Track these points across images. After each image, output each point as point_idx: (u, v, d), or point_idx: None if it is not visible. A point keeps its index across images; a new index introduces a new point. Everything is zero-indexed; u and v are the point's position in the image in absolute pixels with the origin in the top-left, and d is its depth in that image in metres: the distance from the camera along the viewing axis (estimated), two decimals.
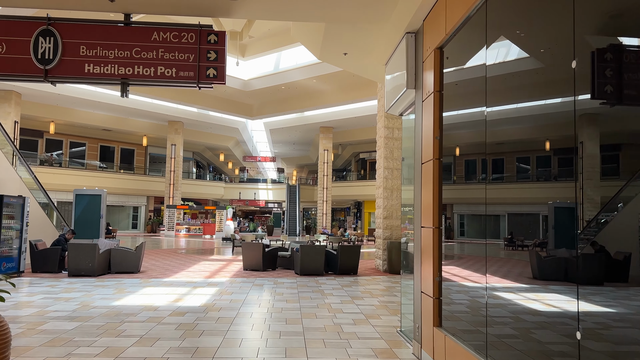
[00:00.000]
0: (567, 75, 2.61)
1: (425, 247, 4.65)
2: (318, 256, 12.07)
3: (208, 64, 5.24)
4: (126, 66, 5.17)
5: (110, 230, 25.16)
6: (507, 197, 3.84)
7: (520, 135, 3.52)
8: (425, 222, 4.66)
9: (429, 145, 4.52)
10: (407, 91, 5.13)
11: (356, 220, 42.39)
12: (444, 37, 4.23)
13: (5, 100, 25.95)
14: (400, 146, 13.19)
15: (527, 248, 3.36)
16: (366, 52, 6.69)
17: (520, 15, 3.21)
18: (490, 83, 3.48)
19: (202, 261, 15.19)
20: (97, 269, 10.71)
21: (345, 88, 27.75)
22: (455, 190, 4.47)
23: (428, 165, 4.57)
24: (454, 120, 4.33)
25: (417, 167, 4.97)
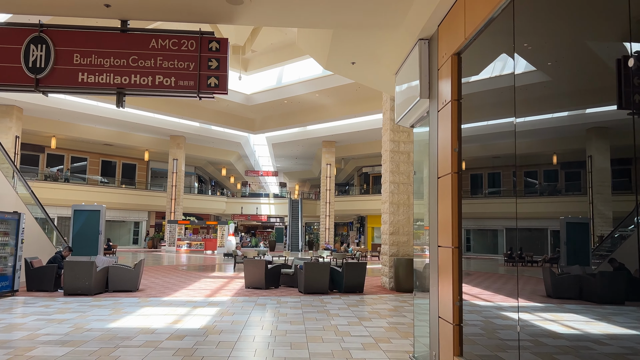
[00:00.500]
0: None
1: (443, 268, 4.30)
2: (322, 274, 11.68)
3: (209, 72, 4.95)
4: (122, 75, 4.88)
5: (110, 247, 24.79)
6: (511, 212, 3.64)
7: (534, 148, 3.29)
8: (443, 241, 4.31)
9: (446, 158, 4.20)
10: (420, 101, 4.83)
11: (359, 235, 41.92)
12: (462, 42, 3.94)
13: (6, 115, 25.83)
14: (406, 160, 12.89)
15: (535, 264, 3.22)
16: (375, 61, 6.41)
17: (548, 19, 2.92)
18: (518, 92, 3.18)
19: (202, 278, 14.79)
20: (94, 288, 10.34)
21: (347, 102, 27.60)
22: (466, 205, 4.20)
23: (445, 179, 4.25)
24: (472, 132, 4.03)
25: (433, 181, 4.64)
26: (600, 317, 2.50)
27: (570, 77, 2.85)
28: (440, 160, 4.37)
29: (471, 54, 4.00)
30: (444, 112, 4.32)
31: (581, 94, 2.69)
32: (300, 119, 30.27)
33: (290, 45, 25.61)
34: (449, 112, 4.16)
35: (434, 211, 4.58)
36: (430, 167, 4.71)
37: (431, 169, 4.69)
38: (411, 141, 12.92)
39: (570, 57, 2.86)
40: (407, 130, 12.86)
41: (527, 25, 3.11)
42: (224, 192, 48.57)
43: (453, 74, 4.11)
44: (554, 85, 3.02)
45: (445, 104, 4.28)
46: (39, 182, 30.97)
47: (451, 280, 4.09)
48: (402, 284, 12.50)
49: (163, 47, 4.96)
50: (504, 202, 3.65)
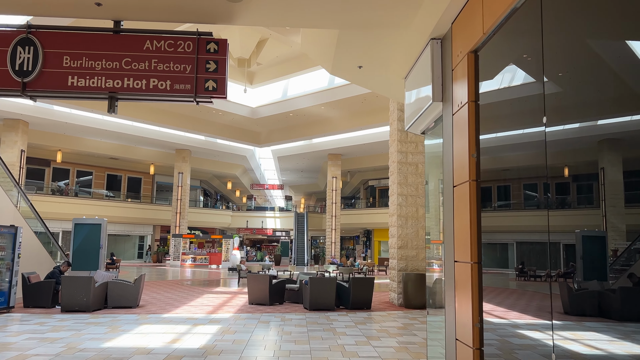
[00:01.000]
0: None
1: (461, 286, 3.92)
2: (329, 289, 11.27)
3: (207, 75, 4.66)
4: (115, 78, 4.60)
5: (114, 261, 24.48)
6: (521, 225, 3.64)
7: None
8: (460, 256, 3.94)
9: (463, 165, 3.86)
10: (433, 104, 4.51)
11: (365, 249, 41.39)
12: (480, 38, 3.62)
13: (12, 128, 25.82)
14: (415, 171, 12.54)
15: (548, 279, 3.08)
16: (384, 65, 6.10)
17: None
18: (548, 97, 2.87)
19: (205, 294, 14.40)
20: (92, 304, 9.99)
21: (353, 115, 27.37)
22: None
23: (462, 188, 3.89)
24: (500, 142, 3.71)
25: (448, 190, 4.28)
26: (624, 336, 2.39)
27: (582, 87, 2.68)
28: (456, 168, 4.03)
29: (489, 52, 3.68)
30: (459, 116, 3.98)
31: (593, 105, 2.57)
32: (306, 132, 30.06)
33: (295, 57, 25.52)
34: (465, 115, 3.82)
35: (450, 223, 4.22)
36: (445, 176, 4.37)
37: (446, 178, 4.34)
38: (419, 152, 12.58)
39: (582, 66, 2.70)
40: (415, 141, 12.52)
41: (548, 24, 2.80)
42: (230, 206, 48.32)
43: (469, 73, 3.79)
44: (565, 96, 2.88)
45: (460, 106, 3.95)
46: (45, 197, 30.88)
47: (470, 299, 3.71)
48: (411, 300, 12.05)
49: (158, 49, 4.68)
50: (515, 215, 3.62)
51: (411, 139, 12.59)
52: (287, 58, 25.83)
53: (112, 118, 27.43)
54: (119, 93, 4.62)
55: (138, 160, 35.34)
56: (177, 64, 4.67)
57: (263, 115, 28.54)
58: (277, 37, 23.18)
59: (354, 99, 24.58)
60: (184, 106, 26.49)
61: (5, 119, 25.65)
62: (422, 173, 12.55)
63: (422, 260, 12.45)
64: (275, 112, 27.89)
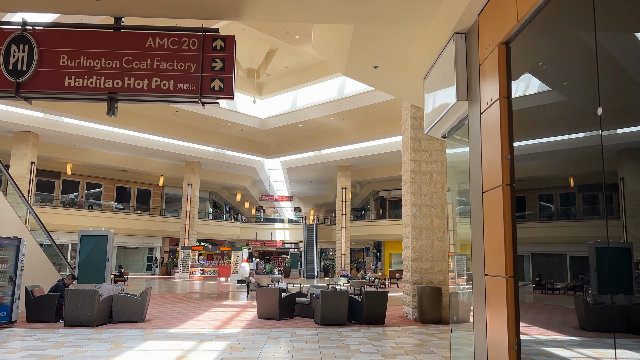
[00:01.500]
0: None
1: (493, 302, 3.53)
2: (341, 303, 10.84)
3: (213, 74, 4.36)
4: (114, 78, 4.32)
5: (122, 273, 24.22)
6: (537, 237, 3.53)
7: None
8: (492, 269, 3.56)
9: (494, 168, 3.49)
10: (457, 104, 4.16)
11: (376, 261, 40.79)
12: (513, 27, 3.28)
13: (22, 141, 25.87)
14: (429, 180, 12.14)
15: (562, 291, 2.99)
16: (401, 64, 5.77)
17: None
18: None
19: (213, 307, 14.02)
20: (97, 318, 9.66)
21: (363, 125, 27.09)
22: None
23: (494, 194, 3.52)
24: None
25: (476, 197, 3.91)
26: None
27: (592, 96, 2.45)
28: (486, 172, 3.66)
29: (523, 44, 3.33)
30: (489, 114, 3.63)
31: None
32: (315, 143, 29.82)
33: (305, 68, 25.39)
34: (496, 113, 3.47)
35: (478, 233, 3.84)
36: (472, 181, 3.99)
37: (473, 183, 3.97)
38: (434, 161, 12.20)
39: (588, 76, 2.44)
40: (429, 149, 12.15)
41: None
42: (239, 218, 48.05)
43: (501, 67, 3.44)
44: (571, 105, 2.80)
45: (490, 103, 3.60)
46: (54, 209, 30.87)
47: (505, 317, 3.31)
48: (426, 315, 11.57)
49: (161, 47, 4.40)
50: (531, 226, 3.50)
51: (425, 147, 12.23)
52: (296, 68, 25.71)
53: (122, 130, 27.43)
54: (119, 94, 4.34)
55: (147, 172, 35.31)
56: (181, 62, 4.39)
57: (272, 127, 28.39)
58: (287, 48, 23.06)
59: (363, 109, 24.33)
60: (194, 118, 26.40)
61: (15, 132, 25.73)
62: (437, 182, 12.16)
63: (438, 273, 12.00)
64: (284, 123, 27.72)
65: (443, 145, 12.29)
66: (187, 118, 26.50)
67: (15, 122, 24.55)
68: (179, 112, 25.46)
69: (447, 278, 12.00)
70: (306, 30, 16.06)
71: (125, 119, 25.44)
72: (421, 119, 12.28)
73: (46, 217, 28.95)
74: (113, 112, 4.40)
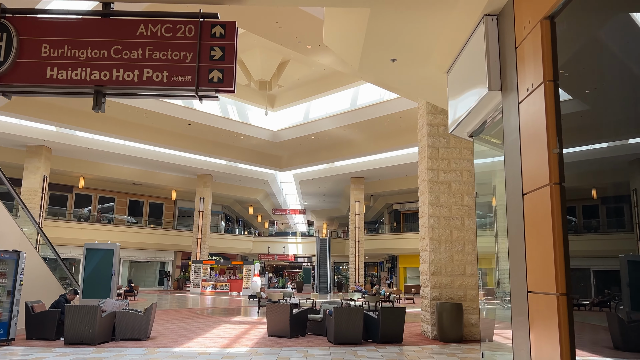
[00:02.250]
0: None
1: (540, 325, 2.96)
2: (355, 321, 10.24)
3: (211, 64, 3.91)
4: (102, 70, 3.90)
5: (132, 288, 23.86)
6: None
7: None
8: (538, 285, 3.00)
9: (539, 165, 2.95)
10: (488, 96, 3.65)
11: (390, 275, 39.94)
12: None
13: (35, 155, 25.90)
14: (447, 191, 11.55)
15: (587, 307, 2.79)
16: (422, 56, 5.25)
17: None
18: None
19: (223, 324, 13.48)
20: (98, 336, 9.19)
21: (377, 137, 26.61)
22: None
23: (538, 196, 2.98)
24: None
25: (513, 201, 3.36)
26: None
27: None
28: (527, 170, 3.12)
29: (571, 18, 2.82)
30: (529, 103, 3.10)
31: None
32: (328, 155, 29.41)
33: (317, 79, 25.11)
34: (540, 100, 2.94)
35: (518, 242, 3.28)
36: (508, 182, 3.45)
37: (509, 185, 3.43)
38: (452, 170, 11.62)
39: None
40: (448, 158, 11.60)
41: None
42: (251, 231, 47.65)
43: (544, 45, 2.92)
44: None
45: (531, 90, 3.08)
46: (67, 222, 30.84)
47: (557, 342, 2.74)
48: (446, 333, 10.90)
49: (154, 34, 3.98)
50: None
51: (443, 155, 11.68)
52: (308, 80, 25.45)
53: (134, 143, 27.36)
54: (106, 87, 3.91)
55: (160, 186, 35.22)
56: (176, 51, 3.95)
57: (284, 139, 28.08)
58: (299, 58, 22.81)
59: (377, 120, 23.89)
60: (206, 130, 26.20)
61: (28, 145, 25.81)
62: (456, 192, 11.57)
63: (458, 288, 11.34)
64: (296, 135, 27.38)
65: (462, 153, 11.73)
66: (199, 131, 26.34)
67: (28, 136, 24.62)
68: (191, 124, 25.29)
69: (467, 294, 11.36)
70: (318, 39, 15.75)
71: (137, 131, 25.35)
72: (439, 126, 11.76)
73: (59, 231, 28.97)
74: (100, 107, 3.97)
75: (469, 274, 11.44)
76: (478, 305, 11.48)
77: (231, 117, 26.36)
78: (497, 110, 3.80)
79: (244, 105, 27.00)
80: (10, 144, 26.01)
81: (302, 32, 15.05)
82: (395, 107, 22.06)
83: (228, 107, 26.46)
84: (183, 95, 4.02)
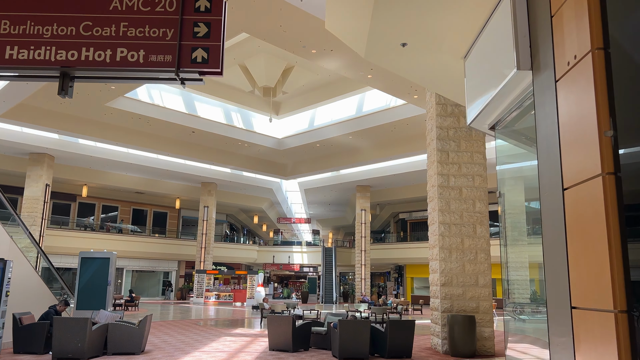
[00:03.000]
0: None
1: (589, 349, 2.41)
2: (362, 334, 9.64)
3: (195, 42, 3.43)
4: (69, 49, 3.42)
5: (133, 298, 23.35)
6: None
7: None
8: (586, 300, 2.45)
9: (587, 152, 2.43)
10: (515, 78, 3.14)
11: (397, 286, 39.20)
12: None
13: (37, 163, 25.64)
14: (458, 196, 11.00)
15: None
16: (436, 39, 4.71)
17: None
18: None
19: (223, 336, 12.92)
20: (88, 350, 8.65)
21: (383, 144, 26.12)
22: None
23: (585, 190, 2.44)
24: None
25: (550, 198, 2.82)
26: None
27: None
28: (569, 160, 2.59)
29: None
30: (571, 79, 2.58)
31: None
32: (333, 163, 28.94)
33: (322, 86, 24.72)
34: (586, 73, 2.42)
35: (556, 248, 2.74)
36: (542, 177, 2.92)
37: (544, 179, 2.89)
38: (463, 174, 11.08)
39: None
40: (459, 162, 11.06)
41: None
42: (256, 241, 47.12)
43: (592, 6, 2.41)
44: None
45: (573, 63, 2.56)
46: (70, 232, 30.51)
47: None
48: (458, 347, 10.28)
49: (129, 9, 3.50)
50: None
51: (453, 160, 11.14)
52: (313, 86, 25.06)
53: (138, 151, 27.04)
54: (74, 68, 3.42)
55: (164, 195, 34.88)
56: (155, 27, 3.46)
57: (289, 147, 27.67)
58: (303, 64, 22.43)
59: (383, 127, 23.42)
60: (210, 138, 25.83)
61: (31, 153, 25.56)
62: (467, 198, 11.01)
63: (470, 300, 10.73)
64: (301, 143, 26.96)
65: (473, 157, 11.20)
66: (203, 138, 25.99)
67: (30, 144, 24.38)
68: (195, 132, 24.94)
69: (480, 305, 10.76)
70: (323, 43, 15.39)
71: (140, 139, 25.04)
72: (448, 129, 11.24)
73: (62, 240, 28.60)
74: (66, 91, 3.48)
75: (482, 285, 10.85)
76: (491, 318, 10.89)
77: (235, 124, 26.02)
78: (526, 94, 3.29)
79: (248, 113, 26.66)
80: (12, 151, 25.78)
81: (307, 36, 14.68)
82: (401, 113, 21.62)
83: (232, 115, 26.14)
84: (162, 78, 3.53)
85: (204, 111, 24.82)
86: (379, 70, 16.62)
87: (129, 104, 21.56)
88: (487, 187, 11.24)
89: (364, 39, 5.06)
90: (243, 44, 20.02)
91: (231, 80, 23.71)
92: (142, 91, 21.85)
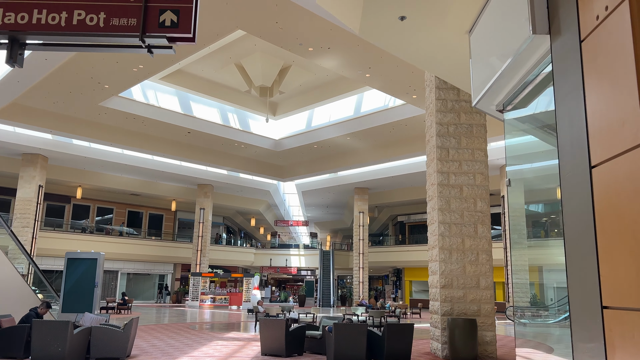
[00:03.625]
0: None
1: (629, 356, 2.00)
2: (358, 338, 9.19)
3: (162, 4, 3.00)
4: (18, 11, 3.00)
5: (126, 301, 22.88)
6: None
7: None
8: (622, 298, 2.04)
9: (622, 120, 2.02)
10: (531, 44, 2.74)
11: (395, 289, 38.79)
12: None
13: (30, 163, 25.16)
14: (459, 195, 10.59)
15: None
16: (438, 12, 4.29)
17: None
18: None
19: (215, 340, 12.47)
20: (69, 355, 8.19)
21: (381, 145, 25.76)
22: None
23: (621, 165, 2.04)
24: None
25: (573, 179, 2.41)
26: None
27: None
28: (597, 132, 2.19)
29: None
30: (602, 35, 2.18)
31: None
32: (331, 165, 28.57)
33: (320, 86, 24.36)
34: (622, 23, 2.02)
35: (582, 239, 2.33)
36: (562, 154, 2.51)
37: (565, 157, 2.48)
38: (464, 172, 10.69)
39: None
40: (459, 159, 10.67)
41: None
42: (253, 243, 46.69)
43: None
44: None
45: (604, 15, 2.16)
46: (64, 234, 30.01)
47: None
48: (459, 351, 9.86)
49: None
50: None
51: (453, 157, 10.75)
52: (311, 86, 24.68)
53: (133, 152, 26.62)
54: (25, 33, 3.01)
55: (159, 196, 34.42)
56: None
57: (286, 148, 27.28)
58: (300, 64, 22.06)
59: (381, 127, 23.06)
60: (206, 139, 25.41)
61: (24, 154, 25.10)
62: (468, 197, 10.61)
63: (471, 302, 10.32)
64: (299, 144, 26.57)
65: (474, 154, 10.80)
66: (199, 139, 25.59)
67: (23, 144, 23.94)
68: (191, 132, 24.53)
69: (481, 308, 10.35)
70: (320, 41, 15.04)
71: (135, 140, 24.62)
72: (448, 125, 10.85)
73: (55, 242, 28.08)
74: (15, 60, 3.06)
75: (483, 287, 10.44)
76: (494, 322, 10.48)
77: (231, 125, 25.62)
78: (541, 66, 2.90)
79: (244, 113, 26.28)
80: (4, 152, 25.32)
81: (304, 33, 14.32)
82: (400, 114, 21.27)
83: (228, 115, 25.76)
84: (126, 45, 3.12)
85: (199, 111, 24.42)
86: (377, 68, 16.27)
87: (123, 104, 21.15)
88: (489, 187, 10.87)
89: (358, 12, 4.61)
90: (239, 43, 19.63)
91: (227, 79, 23.34)
92: (136, 91, 21.46)
